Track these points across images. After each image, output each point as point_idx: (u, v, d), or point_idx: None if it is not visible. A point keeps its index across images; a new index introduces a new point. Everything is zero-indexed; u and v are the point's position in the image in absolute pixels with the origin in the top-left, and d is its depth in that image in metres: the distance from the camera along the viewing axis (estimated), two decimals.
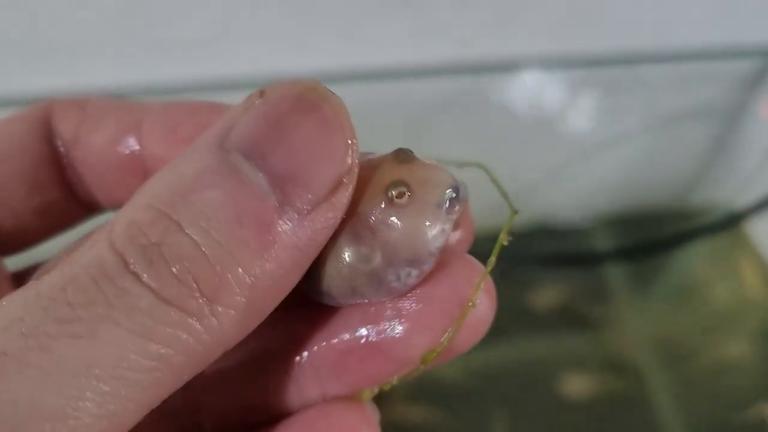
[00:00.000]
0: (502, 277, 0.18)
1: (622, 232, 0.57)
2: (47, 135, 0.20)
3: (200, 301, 0.14)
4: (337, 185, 0.15)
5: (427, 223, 0.16)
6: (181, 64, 0.43)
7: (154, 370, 0.13)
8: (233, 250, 0.14)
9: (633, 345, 0.51)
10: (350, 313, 0.17)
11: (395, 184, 0.16)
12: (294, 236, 0.14)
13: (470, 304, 0.16)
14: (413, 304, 0.17)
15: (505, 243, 0.18)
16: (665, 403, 0.48)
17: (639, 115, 0.55)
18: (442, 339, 0.16)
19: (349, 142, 0.15)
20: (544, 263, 0.52)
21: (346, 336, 0.17)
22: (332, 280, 0.16)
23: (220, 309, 0.14)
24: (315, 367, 0.17)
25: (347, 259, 0.16)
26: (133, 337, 0.13)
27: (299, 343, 0.18)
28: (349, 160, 0.15)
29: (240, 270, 0.14)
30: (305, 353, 0.17)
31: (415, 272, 0.16)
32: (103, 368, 0.13)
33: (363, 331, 0.17)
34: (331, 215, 0.15)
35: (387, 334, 0.17)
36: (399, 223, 0.16)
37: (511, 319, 0.51)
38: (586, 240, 0.57)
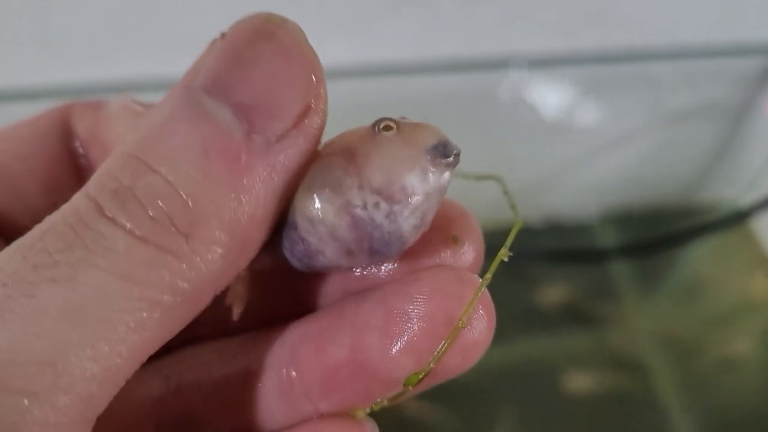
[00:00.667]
0: (508, 274, 0.18)
1: (628, 230, 0.57)
2: (65, 136, 0.20)
3: (177, 237, 0.14)
4: (305, 110, 0.14)
5: (408, 157, 0.15)
6: (193, 59, 0.43)
7: (138, 310, 0.13)
8: (204, 184, 0.14)
9: (639, 342, 0.51)
10: (337, 325, 0.17)
11: (384, 119, 0.15)
12: (266, 164, 0.14)
13: (459, 324, 0.15)
14: (399, 322, 0.16)
15: (506, 259, 0.17)
16: (671, 400, 0.48)
17: (646, 113, 0.55)
18: (429, 361, 0.16)
19: (311, 66, 0.14)
20: (551, 260, 0.52)
21: (333, 351, 0.16)
22: (300, 205, 0.15)
23: (199, 244, 0.14)
24: (305, 383, 0.17)
25: (318, 181, 0.15)
26: (113, 278, 0.13)
27: (288, 359, 0.17)
28: (314, 85, 0.14)
29: (214, 203, 0.14)
30: (293, 372, 0.17)
31: (384, 206, 0.15)
32: (85, 310, 0.13)
33: (347, 348, 0.16)
34: (301, 141, 0.15)
35: (371, 352, 0.16)
36: (379, 147, 0.15)
37: (517, 316, 0.51)
38: (592, 237, 0.57)
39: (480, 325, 0.16)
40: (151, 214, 0.14)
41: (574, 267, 0.54)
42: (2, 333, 0.13)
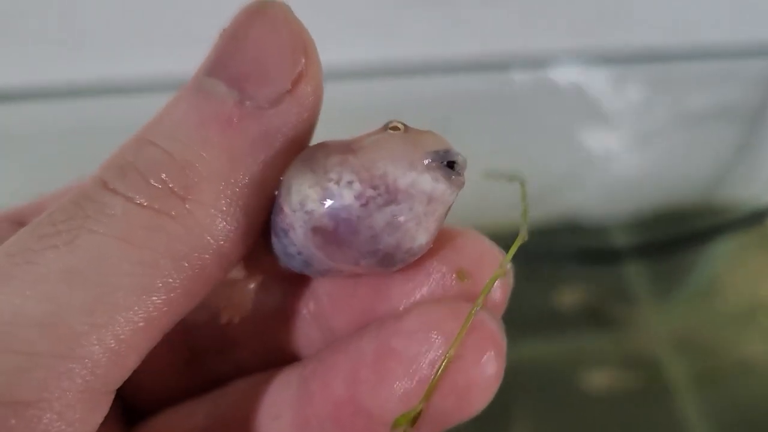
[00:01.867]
0: (525, 274, 0.17)
1: (646, 230, 0.56)
2: None
3: (174, 200, 0.14)
4: (298, 77, 0.15)
5: (402, 152, 0.14)
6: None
7: (139, 275, 0.13)
8: (199, 149, 0.14)
9: (656, 343, 0.51)
10: (339, 360, 0.16)
11: (394, 120, 0.15)
12: (259, 127, 0.15)
13: (445, 361, 0.14)
14: (386, 359, 0.15)
15: (505, 275, 0.16)
16: (686, 401, 0.48)
17: (665, 113, 0.54)
18: (419, 402, 0.15)
19: (298, 35, 0.15)
20: (568, 260, 0.52)
21: (335, 387, 0.16)
22: (286, 174, 0.15)
23: (195, 206, 0.14)
24: (318, 420, 0.16)
25: (309, 155, 0.15)
26: (111, 241, 0.13)
27: (302, 395, 0.17)
28: (302, 53, 0.15)
29: (208, 165, 0.14)
30: (307, 407, 0.17)
31: (357, 186, 0.14)
32: (85, 274, 0.13)
33: (345, 384, 0.16)
34: (294, 106, 0.15)
35: (364, 390, 0.15)
36: (379, 140, 0.15)
37: (535, 316, 0.51)
38: (610, 237, 0.57)
39: (480, 364, 0.15)
40: (149, 180, 0.14)
41: (592, 267, 0.53)
42: (4, 296, 0.13)
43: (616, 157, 0.55)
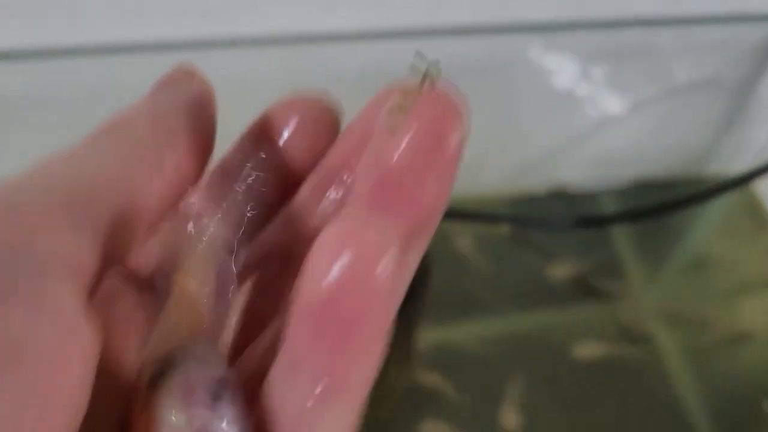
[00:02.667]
0: (517, 244, 0.17)
1: (636, 199, 0.56)
2: None
3: None
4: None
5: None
6: (210, 22, 0.43)
7: None
8: None
9: (647, 313, 0.52)
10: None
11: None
12: None
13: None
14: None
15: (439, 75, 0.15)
16: (678, 371, 0.48)
17: (652, 83, 0.54)
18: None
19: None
20: (558, 229, 0.52)
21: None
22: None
23: None
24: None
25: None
26: None
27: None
28: None
29: None
30: None
31: None
32: None
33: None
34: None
35: None
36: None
37: (527, 288, 0.51)
38: (599, 206, 0.57)
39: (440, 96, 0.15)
40: None
41: (582, 238, 0.54)
42: None
43: (606, 128, 0.55)
